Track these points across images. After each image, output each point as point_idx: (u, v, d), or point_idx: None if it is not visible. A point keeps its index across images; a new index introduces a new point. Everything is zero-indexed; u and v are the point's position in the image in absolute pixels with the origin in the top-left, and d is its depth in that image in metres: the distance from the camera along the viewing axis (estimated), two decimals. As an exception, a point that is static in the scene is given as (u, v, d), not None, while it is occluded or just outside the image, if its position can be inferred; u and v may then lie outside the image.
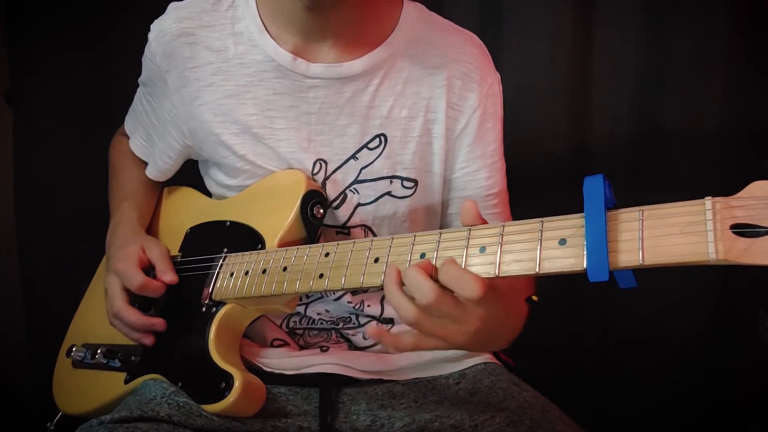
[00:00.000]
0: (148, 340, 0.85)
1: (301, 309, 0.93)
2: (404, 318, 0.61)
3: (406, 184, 0.88)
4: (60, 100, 1.33)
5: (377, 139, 0.87)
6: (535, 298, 0.74)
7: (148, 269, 0.87)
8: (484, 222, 0.64)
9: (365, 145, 0.87)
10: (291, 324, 0.93)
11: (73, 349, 0.94)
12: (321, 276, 0.72)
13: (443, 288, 0.59)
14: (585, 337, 1.39)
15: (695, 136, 1.25)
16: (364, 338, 0.94)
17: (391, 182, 0.88)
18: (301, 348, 0.94)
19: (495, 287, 0.60)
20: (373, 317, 0.94)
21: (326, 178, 0.87)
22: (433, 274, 0.61)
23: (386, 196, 0.88)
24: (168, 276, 0.85)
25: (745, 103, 1.24)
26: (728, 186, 0.55)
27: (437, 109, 0.87)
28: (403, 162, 0.88)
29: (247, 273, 0.80)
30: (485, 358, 0.93)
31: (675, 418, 1.35)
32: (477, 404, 0.83)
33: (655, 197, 0.55)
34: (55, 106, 1.34)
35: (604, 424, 1.36)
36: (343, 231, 0.89)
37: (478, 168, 0.90)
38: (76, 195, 1.32)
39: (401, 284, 0.62)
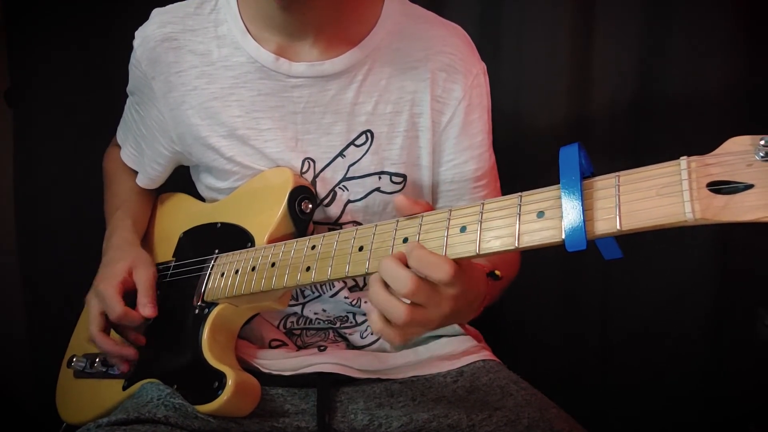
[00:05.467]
0: (124, 367, 0.87)
1: (298, 309, 0.92)
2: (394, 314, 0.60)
3: (394, 179, 0.88)
4: (60, 100, 1.33)
5: (363, 136, 0.86)
6: (498, 273, 0.72)
7: (132, 291, 0.86)
8: (422, 208, 0.65)
9: (352, 142, 0.86)
10: (288, 324, 0.93)
11: (74, 359, 0.94)
12: (308, 269, 0.72)
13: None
14: (583, 335, 1.36)
15: (694, 133, 1.22)
16: (362, 337, 0.93)
17: (380, 178, 0.87)
18: (299, 348, 0.93)
19: (463, 267, 0.59)
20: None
21: (316, 176, 0.87)
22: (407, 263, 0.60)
23: (375, 192, 0.87)
24: (146, 310, 0.83)
25: (745, 102, 1.20)
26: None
27: (422, 102, 0.86)
28: (390, 157, 0.87)
29: (237, 272, 0.80)
30: (483, 355, 0.91)
31: (674, 416, 1.32)
32: (475, 403, 0.82)
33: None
34: (55, 107, 1.33)
35: (602, 422, 1.32)
36: (336, 227, 0.89)
37: (466, 160, 0.89)
38: (76, 195, 1.31)
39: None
